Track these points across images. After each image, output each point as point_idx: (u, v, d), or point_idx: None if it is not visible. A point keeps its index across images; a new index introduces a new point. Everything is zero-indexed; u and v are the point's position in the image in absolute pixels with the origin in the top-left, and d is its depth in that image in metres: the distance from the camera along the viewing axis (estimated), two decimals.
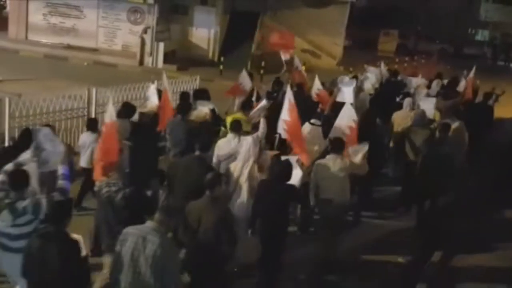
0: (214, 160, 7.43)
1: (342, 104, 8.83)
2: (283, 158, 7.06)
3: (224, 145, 7.49)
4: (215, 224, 5.28)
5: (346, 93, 10.00)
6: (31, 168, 5.62)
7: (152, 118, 9.03)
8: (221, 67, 20.77)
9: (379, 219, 9.02)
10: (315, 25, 25.49)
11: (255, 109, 9.01)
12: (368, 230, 8.47)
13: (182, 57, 22.35)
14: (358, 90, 11.61)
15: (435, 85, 13.95)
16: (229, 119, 8.43)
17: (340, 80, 12.35)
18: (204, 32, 23.56)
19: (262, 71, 19.53)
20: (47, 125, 7.39)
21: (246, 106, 9.16)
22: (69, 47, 22.22)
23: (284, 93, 10.12)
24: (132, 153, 6.88)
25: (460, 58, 33.41)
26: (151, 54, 21.32)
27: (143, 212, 4.93)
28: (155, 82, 10.40)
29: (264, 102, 9.18)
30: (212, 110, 9.20)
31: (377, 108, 10.56)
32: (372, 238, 8.32)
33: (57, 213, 4.64)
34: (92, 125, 8.26)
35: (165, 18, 22.42)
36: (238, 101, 10.45)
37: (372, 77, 13.35)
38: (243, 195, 6.72)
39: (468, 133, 10.07)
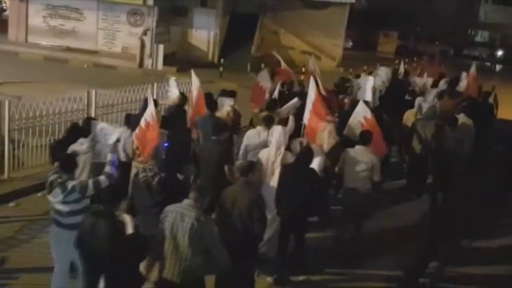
0: (242, 149, 7.84)
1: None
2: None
3: (253, 136, 7.89)
4: (247, 205, 5.64)
5: (367, 91, 10.43)
6: (85, 158, 6.38)
7: (176, 109, 9.21)
8: (221, 68, 20.79)
9: (386, 210, 9.17)
10: (315, 27, 25.53)
11: (285, 106, 9.24)
12: (377, 220, 8.58)
13: (182, 59, 22.32)
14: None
15: (443, 84, 14.28)
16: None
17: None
18: (204, 34, 23.59)
19: None
20: None
21: (272, 105, 9.20)
22: (69, 49, 22.21)
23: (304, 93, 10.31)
24: (168, 141, 7.43)
25: (460, 59, 33.43)
26: (150, 56, 21.32)
27: (177, 195, 5.26)
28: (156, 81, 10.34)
29: (295, 100, 9.40)
30: (233, 107, 9.28)
31: (383, 105, 10.93)
32: (380, 228, 8.47)
33: (109, 195, 5.23)
34: (128, 120, 8.38)
35: (165, 20, 22.43)
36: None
37: (382, 75, 14.00)
38: (275, 180, 6.89)
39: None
